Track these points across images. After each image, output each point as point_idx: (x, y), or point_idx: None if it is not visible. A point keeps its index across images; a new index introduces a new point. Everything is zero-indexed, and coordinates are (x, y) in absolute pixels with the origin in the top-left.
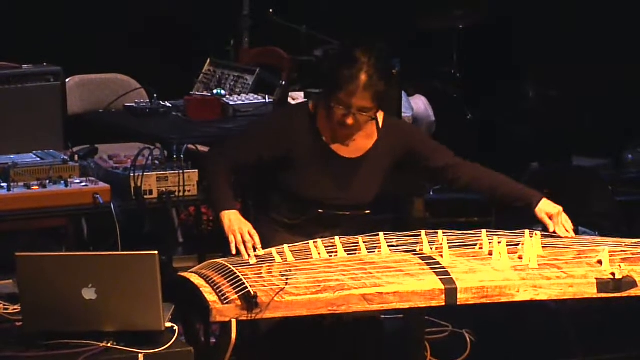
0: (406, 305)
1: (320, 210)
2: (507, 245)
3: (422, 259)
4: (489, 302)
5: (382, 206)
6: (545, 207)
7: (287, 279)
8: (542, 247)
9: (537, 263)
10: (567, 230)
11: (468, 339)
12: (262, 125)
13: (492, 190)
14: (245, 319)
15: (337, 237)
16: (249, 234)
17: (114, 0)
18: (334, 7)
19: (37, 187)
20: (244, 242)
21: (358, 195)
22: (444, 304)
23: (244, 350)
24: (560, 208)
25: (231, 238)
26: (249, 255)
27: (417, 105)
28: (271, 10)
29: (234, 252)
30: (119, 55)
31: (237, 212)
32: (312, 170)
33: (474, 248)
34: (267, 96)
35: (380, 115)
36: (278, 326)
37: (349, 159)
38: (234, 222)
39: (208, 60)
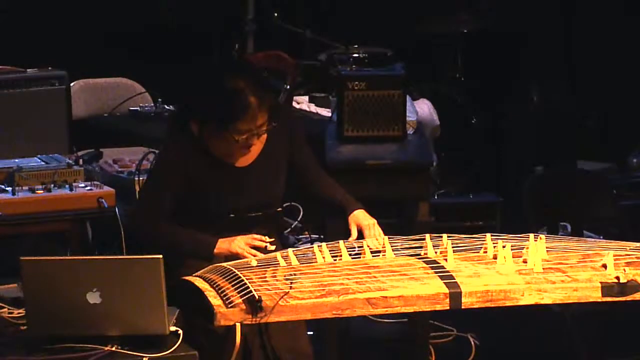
0: (410, 309)
1: (232, 215)
2: (512, 249)
3: (427, 262)
4: (493, 306)
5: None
6: (359, 217)
7: (291, 283)
8: (547, 251)
9: (541, 267)
10: (376, 244)
11: (472, 343)
12: (162, 169)
13: (321, 193)
14: (249, 322)
15: (341, 242)
16: (247, 242)
17: (119, 4)
18: (338, 11)
19: (41, 191)
20: (253, 248)
21: (266, 196)
22: (448, 308)
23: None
24: (373, 220)
25: (242, 253)
26: (265, 247)
27: (422, 109)
28: (276, 15)
29: (255, 263)
30: (123, 59)
31: (220, 238)
32: (215, 187)
33: (478, 252)
34: None
35: None
36: None
37: (245, 167)
38: (230, 243)
39: None
